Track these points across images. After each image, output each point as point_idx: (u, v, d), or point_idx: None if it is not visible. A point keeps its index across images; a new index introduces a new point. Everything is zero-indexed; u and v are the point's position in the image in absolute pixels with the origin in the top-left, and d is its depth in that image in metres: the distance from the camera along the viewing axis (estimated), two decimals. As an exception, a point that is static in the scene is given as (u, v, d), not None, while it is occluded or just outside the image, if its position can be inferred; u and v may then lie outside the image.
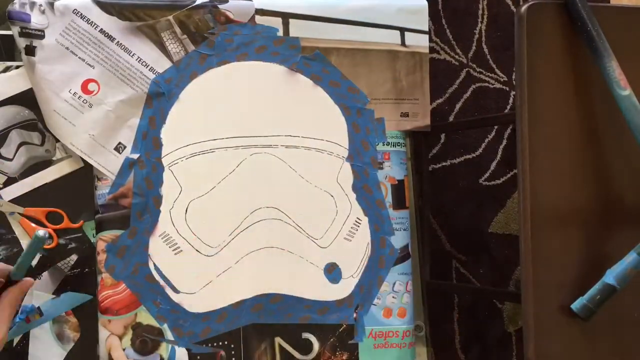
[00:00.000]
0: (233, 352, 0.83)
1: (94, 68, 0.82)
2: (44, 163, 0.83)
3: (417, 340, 0.88)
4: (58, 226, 0.83)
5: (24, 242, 0.82)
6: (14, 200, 0.83)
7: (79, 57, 0.82)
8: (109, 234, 0.82)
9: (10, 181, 0.83)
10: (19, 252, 0.81)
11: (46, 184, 0.83)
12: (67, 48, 0.82)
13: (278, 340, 0.84)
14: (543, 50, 0.79)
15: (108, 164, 0.83)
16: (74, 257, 0.83)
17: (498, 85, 1.45)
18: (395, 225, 0.87)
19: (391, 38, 0.87)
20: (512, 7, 1.47)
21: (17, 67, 0.82)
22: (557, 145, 0.79)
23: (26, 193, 0.83)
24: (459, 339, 1.40)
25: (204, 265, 0.82)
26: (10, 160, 0.83)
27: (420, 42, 0.88)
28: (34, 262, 0.81)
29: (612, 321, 0.79)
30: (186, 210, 0.83)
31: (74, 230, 0.83)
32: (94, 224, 0.83)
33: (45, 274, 0.82)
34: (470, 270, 1.42)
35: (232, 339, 0.83)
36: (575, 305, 0.77)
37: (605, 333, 0.79)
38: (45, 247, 0.81)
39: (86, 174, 0.83)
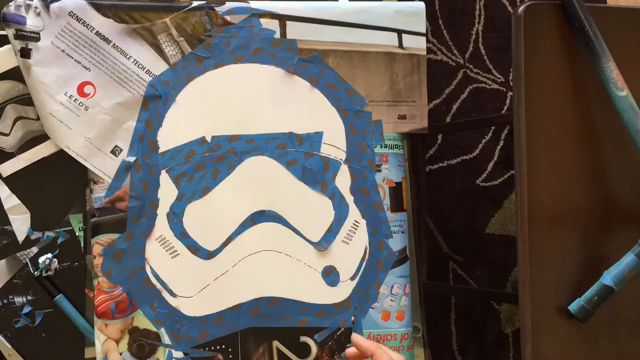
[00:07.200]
0: (231, 356, 0.83)
1: (90, 71, 0.82)
2: (41, 137, 0.83)
3: (414, 341, 0.88)
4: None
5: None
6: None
7: (75, 60, 0.82)
8: (105, 238, 0.82)
9: (8, 156, 0.83)
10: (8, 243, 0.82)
11: (44, 158, 0.83)
12: (62, 50, 0.81)
13: (276, 343, 0.84)
14: (540, 51, 0.79)
15: (104, 167, 0.82)
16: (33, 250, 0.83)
17: (495, 86, 1.45)
18: (393, 228, 0.87)
19: (388, 40, 0.87)
20: (509, 8, 1.47)
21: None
22: (554, 146, 0.79)
23: (23, 168, 0.83)
24: (456, 341, 1.40)
25: (201, 269, 0.82)
26: (7, 135, 0.83)
27: (417, 44, 0.88)
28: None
29: (610, 322, 0.79)
30: (183, 214, 0.83)
31: (61, 223, 0.83)
32: (81, 217, 0.83)
33: (2, 262, 0.82)
34: (467, 272, 1.42)
35: (229, 342, 0.83)
36: (573, 307, 0.77)
37: (603, 334, 0.79)
38: None
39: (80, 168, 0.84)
